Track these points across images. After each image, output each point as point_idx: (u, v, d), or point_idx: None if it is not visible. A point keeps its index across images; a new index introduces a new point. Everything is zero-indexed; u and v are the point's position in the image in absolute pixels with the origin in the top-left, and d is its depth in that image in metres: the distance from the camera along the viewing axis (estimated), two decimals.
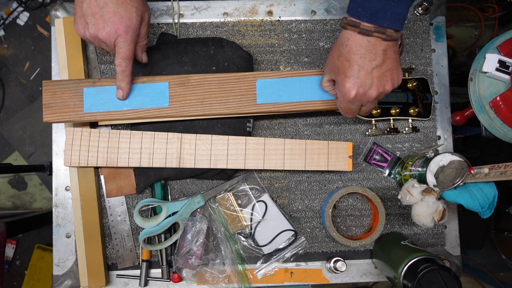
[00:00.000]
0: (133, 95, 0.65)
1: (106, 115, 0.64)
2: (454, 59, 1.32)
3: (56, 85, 0.64)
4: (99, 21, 0.57)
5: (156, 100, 0.65)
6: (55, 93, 0.64)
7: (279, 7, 0.76)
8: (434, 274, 0.55)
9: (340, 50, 0.54)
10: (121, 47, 0.58)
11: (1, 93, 1.72)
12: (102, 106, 0.64)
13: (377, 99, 0.56)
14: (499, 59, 0.60)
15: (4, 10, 1.73)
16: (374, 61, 0.52)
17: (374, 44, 0.52)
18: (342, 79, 0.55)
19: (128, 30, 0.57)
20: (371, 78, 0.53)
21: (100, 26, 0.57)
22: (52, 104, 0.64)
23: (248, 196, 0.72)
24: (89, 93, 0.64)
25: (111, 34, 0.57)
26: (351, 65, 0.53)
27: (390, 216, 0.74)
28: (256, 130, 0.74)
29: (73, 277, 0.71)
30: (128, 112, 0.65)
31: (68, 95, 0.64)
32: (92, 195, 0.69)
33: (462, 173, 0.60)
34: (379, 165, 0.74)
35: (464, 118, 0.71)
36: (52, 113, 0.64)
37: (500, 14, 1.36)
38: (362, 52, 0.52)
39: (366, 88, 0.53)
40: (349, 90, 0.54)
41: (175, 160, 0.67)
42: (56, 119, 0.64)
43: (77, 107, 0.64)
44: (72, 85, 0.64)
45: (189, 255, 0.68)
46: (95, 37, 0.58)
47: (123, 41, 0.58)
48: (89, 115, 0.64)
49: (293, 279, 0.72)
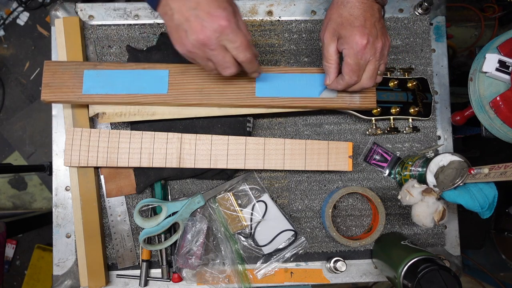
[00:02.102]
0: (133, 80, 0.65)
1: (104, 98, 0.64)
2: (454, 59, 1.32)
3: (58, 65, 0.65)
4: (196, 23, 0.50)
5: (155, 87, 0.65)
6: (56, 73, 0.64)
7: (279, 7, 0.76)
8: (434, 274, 0.55)
9: (340, 9, 0.57)
10: (232, 40, 0.51)
11: (1, 93, 1.72)
12: (101, 89, 0.64)
13: (381, 53, 0.58)
14: (499, 59, 0.60)
15: (4, 10, 1.73)
16: (374, 16, 0.57)
17: (371, 3, 0.57)
18: (351, 30, 0.56)
19: (230, 19, 0.50)
20: (376, 29, 0.57)
21: (198, 28, 0.50)
22: (52, 83, 0.64)
23: (248, 196, 0.72)
24: (89, 75, 0.65)
25: (215, 31, 0.50)
26: (357, 17, 0.56)
27: (390, 216, 0.74)
28: (256, 130, 0.74)
29: (73, 277, 0.71)
30: (126, 96, 0.65)
31: (68, 76, 0.64)
32: (92, 195, 0.69)
33: (462, 173, 0.60)
34: (379, 165, 0.74)
35: (464, 118, 0.71)
36: (51, 92, 0.64)
37: (500, 14, 1.36)
38: (364, 7, 0.56)
39: (374, 37, 0.56)
40: (361, 38, 0.55)
41: (175, 160, 0.67)
42: (54, 98, 0.64)
43: (76, 88, 0.64)
44: (73, 67, 0.65)
45: (189, 255, 0.68)
46: (197, 43, 0.51)
47: (231, 32, 0.50)
48: (87, 97, 0.64)
49: (293, 279, 0.72)
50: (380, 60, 0.59)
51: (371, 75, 0.59)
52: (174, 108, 0.67)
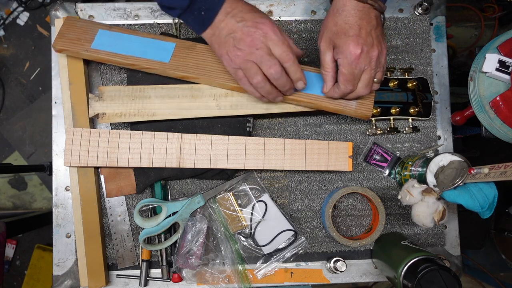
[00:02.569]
0: (141, 46, 0.67)
1: (109, 55, 0.66)
2: (454, 59, 1.32)
3: (77, 21, 0.69)
4: (243, 32, 0.55)
5: (158, 55, 0.67)
6: (72, 27, 0.68)
7: (279, 7, 0.76)
8: (434, 274, 0.55)
9: (336, 17, 0.57)
10: (276, 42, 0.55)
11: (1, 93, 1.72)
12: (109, 47, 0.67)
13: (376, 62, 0.58)
14: (499, 59, 0.60)
15: (4, 10, 1.73)
16: (370, 23, 0.56)
17: (368, 10, 0.56)
18: (345, 40, 0.56)
19: (273, 25, 0.56)
20: (371, 37, 0.56)
21: (245, 34, 0.55)
22: (66, 34, 0.67)
23: (248, 196, 0.72)
24: (102, 34, 0.68)
25: (260, 34, 0.55)
26: (351, 26, 0.56)
27: (390, 216, 0.74)
28: (256, 130, 0.74)
29: (73, 277, 0.71)
30: (130, 58, 0.66)
31: (82, 31, 0.68)
32: (92, 195, 0.69)
33: (462, 173, 0.60)
34: (379, 165, 0.74)
35: (464, 118, 0.71)
36: (63, 42, 0.67)
37: (500, 14, 1.36)
38: (360, 15, 0.56)
39: (368, 46, 0.56)
40: (354, 48, 0.55)
41: (175, 160, 0.67)
42: (64, 46, 0.67)
43: (87, 42, 0.67)
44: (89, 25, 0.69)
45: (189, 255, 0.68)
46: (245, 46, 0.55)
47: (274, 35, 0.55)
48: (94, 51, 0.67)
49: (293, 279, 0.72)
50: (376, 69, 0.59)
51: (366, 84, 0.59)
52: (174, 108, 0.67)
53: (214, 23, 0.56)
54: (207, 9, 0.56)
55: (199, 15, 0.56)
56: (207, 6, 0.56)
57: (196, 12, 0.56)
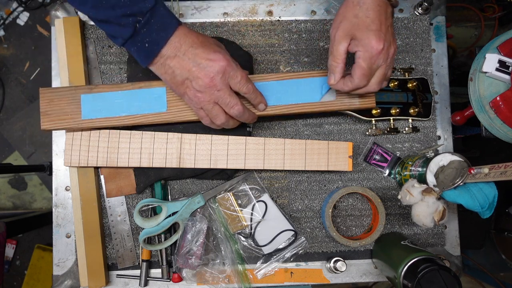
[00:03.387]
0: (130, 100, 0.64)
1: (104, 121, 0.64)
2: (454, 59, 1.32)
3: (53, 92, 0.64)
4: (199, 71, 0.54)
5: (153, 106, 0.64)
6: (52, 101, 0.64)
7: (279, 7, 0.76)
8: (434, 274, 0.55)
9: (357, 9, 0.55)
10: (234, 76, 0.55)
11: (1, 93, 1.72)
12: (100, 112, 0.64)
13: (391, 59, 0.58)
14: (499, 59, 0.60)
15: (4, 10, 1.74)
16: (388, 20, 0.56)
17: (386, 5, 0.56)
18: (367, 33, 0.55)
19: (228, 58, 0.55)
20: (390, 34, 0.56)
21: (202, 74, 0.54)
22: (50, 111, 0.63)
23: (248, 196, 0.72)
24: (87, 99, 0.64)
25: (218, 72, 0.54)
26: (373, 20, 0.55)
27: (390, 216, 0.74)
28: (256, 130, 0.74)
29: (73, 277, 0.71)
30: (126, 118, 0.64)
31: (65, 102, 0.64)
32: (92, 195, 0.69)
33: (462, 173, 0.60)
34: (379, 165, 0.74)
35: (464, 118, 0.71)
36: (50, 121, 0.63)
37: (500, 14, 1.36)
38: (379, 9, 0.55)
39: (388, 43, 0.56)
40: (377, 43, 0.54)
41: (175, 160, 0.67)
42: (54, 126, 0.64)
43: (75, 114, 0.64)
44: (69, 92, 0.64)
45: (189, 255, 0.68)
46: (204, 88, 0.55)
47: (231, 69, 0.55)
48: (87, 122, 0.64)
49: (293, 279, 0.72)
50: (390, 65, 0.58)
51: (379, 80, 0.58)
52: None
53: (164, 58, 0.54)
54: (152, 41, 0.53)
55: (143, 47, 0.54)
56: (151, 38, 0.53)
57: (140, 43, 0.53)
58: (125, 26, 0.52)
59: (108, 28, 0.54)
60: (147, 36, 0.53)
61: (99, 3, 0.51)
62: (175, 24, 0.54)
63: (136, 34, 0.53)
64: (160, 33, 0.53)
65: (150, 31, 0.53)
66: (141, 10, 0.51)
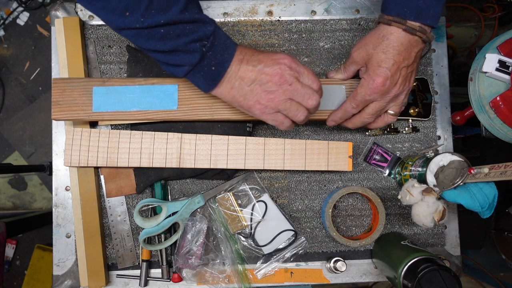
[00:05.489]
0: (142, 96, 0.64)
1: (114, 115, 0.64)
2: (454, 59, 1.32)
3: (66, 83, 0.64)
4: (265, 74, 0.53)
5: (165, 102, 0.64)
6: (65, 91, 0.64)
7: (279, 7, 0.76)
8: (434, 274, 0.55)
9: (379, 42, 0.57)
10: (301, 72, 0.55)
11: (1, 93, 1.72)
12: (111, 106, 0.64)
13: (392, 98, 0.60)
14: (499, 59, 0.60)
15: (4, 10, 1.74)
16: (406, 61, 0.57)
17: (412, 45, 0.56)
18: (375, 67, 0.57)
19: (290, 56, 0.55)
20: (399, 75, 0.57)
21: (269, 76, 0.53)
22: (61, 101, 0.64)
23: (248, 196, 0.72)
24: (99, 92, 0.64)
25: (284, 69, 0.53)
26: (387, 57, 0.56)
27: (390, 216, 0.74)
28: (256, 130, 0.74)
29: (73, 277, 0.71)
30: (137, 113, 0.65)
31: (78, 93, 0.64)
32: (92, 195, 0.69)
33: (462, 173, 0.60)
34: (379, 165, 0.74)
35: (464, 118, 0.71)
36: (61, 111, 0.64)
37: (500, 14, 1.36)
38: (401, 49, 0.56)
39: (392, 83, 0.57)
40: (379, 82, 0.56)
41: (175, 160, 0.67)
42: (64, 116, 0.64)
43: (86, 106, 0.64)
44: (81, 84, 0.64)
45: (189, 255, 0.68)
46: (275, 86, 0.53)
47: (296, 65, 0.54)
48: (98, 114, 0.64)
49: (293, 279, 0.72)
50: (389, 103, 0.60)
51: (372, 112, 0.61)
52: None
53: (229, 76, 0.54)
54: (218, 63, 0.53)
55: (209, 70, 0.53)
56: (217, 60, 0.53)
57: (206, 67, 0.53)
58: (193, 52, 0.51)
59: (174, 58, 0.52)
60: (213, 59, 0.53)
61: (166, 34, 0.50)
62: (234, 43, 0.55)
63: (203, 58, 0.52)
64: (224, 54, 0.53)
65: (215, 53, 0.52)
66: (205, 34, 0.51)
